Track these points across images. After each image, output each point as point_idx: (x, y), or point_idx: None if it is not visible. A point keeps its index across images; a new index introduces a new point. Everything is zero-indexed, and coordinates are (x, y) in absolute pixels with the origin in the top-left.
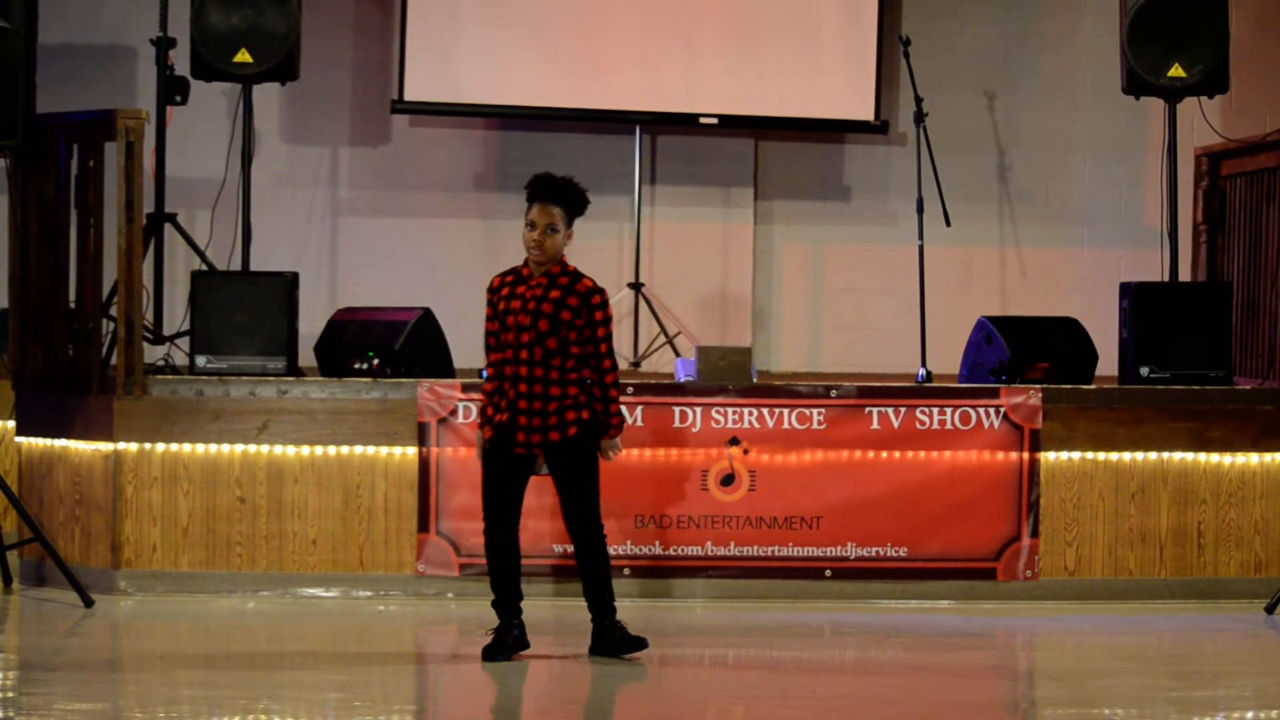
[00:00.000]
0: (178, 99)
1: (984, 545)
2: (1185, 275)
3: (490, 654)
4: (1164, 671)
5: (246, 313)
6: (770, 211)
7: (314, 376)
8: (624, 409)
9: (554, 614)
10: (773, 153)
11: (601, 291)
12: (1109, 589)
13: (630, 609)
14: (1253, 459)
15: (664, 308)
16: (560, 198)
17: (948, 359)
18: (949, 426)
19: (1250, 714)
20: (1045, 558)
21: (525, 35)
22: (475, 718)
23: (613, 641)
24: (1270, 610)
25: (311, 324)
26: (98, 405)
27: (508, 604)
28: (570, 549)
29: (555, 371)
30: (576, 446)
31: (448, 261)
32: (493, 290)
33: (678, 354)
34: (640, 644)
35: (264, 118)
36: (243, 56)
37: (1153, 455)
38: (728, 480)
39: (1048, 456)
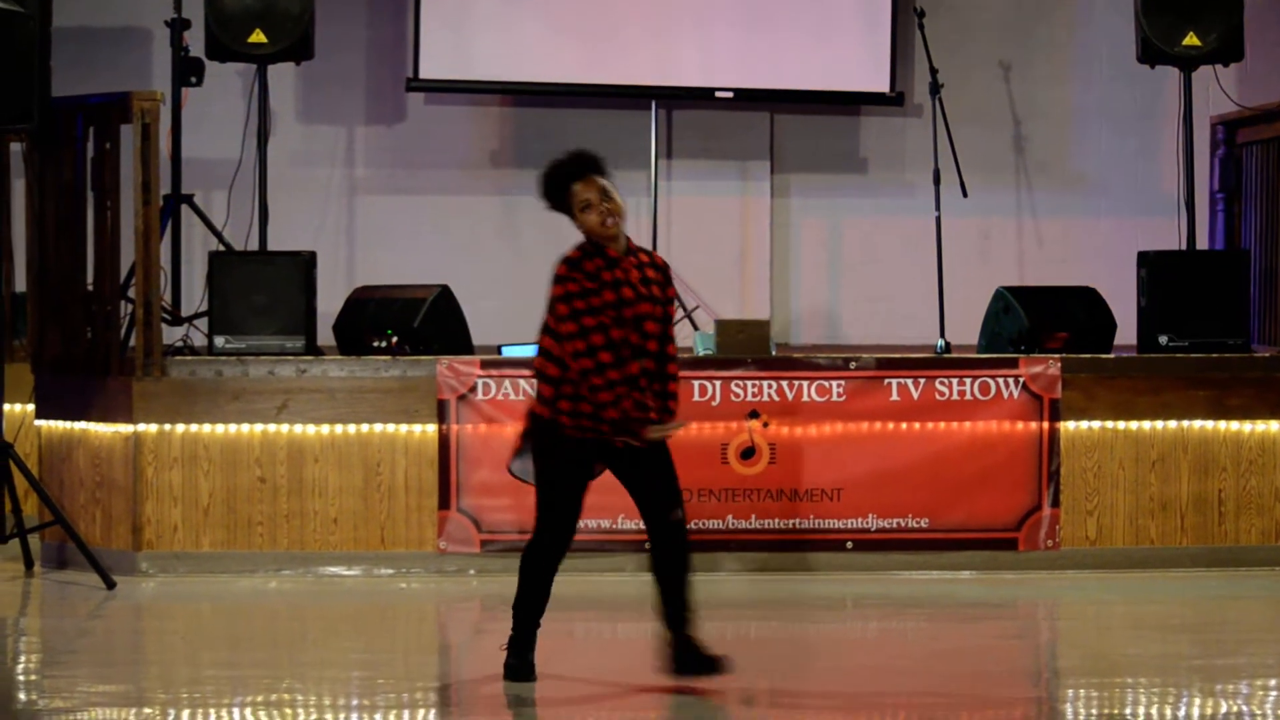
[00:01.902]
0: (193, 80)
1: (1005, 515)
2: (1202, 243)
3: (519, 674)
4: (1186, 640)
5: (264, 292)
6: (787, 184)
7: (333, 355)
8: None
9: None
10: (788, 126)
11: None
12: (1130, 558)
13: (652, 583)
14: (1273, 426)
15: (682, 282)
16: (591, 167)
17: (966, 330)
18: (968, 397)
19: (1274, 681)
20: (1066, 527)
21: (539, 11)
22: (499, 694)
23: (694, 659)
24: None
25: (330, 303)
26: (117, 387)
27: (531, 636)
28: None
29: (654, 360)
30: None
31: (465, 239)
32: (588, 274)
33: (696, 328)
34: (716, 665)
35: (279, 98)
36: (257, 37)
37: (1172, 424)
38: (748, 453)
39: (1067, 426)
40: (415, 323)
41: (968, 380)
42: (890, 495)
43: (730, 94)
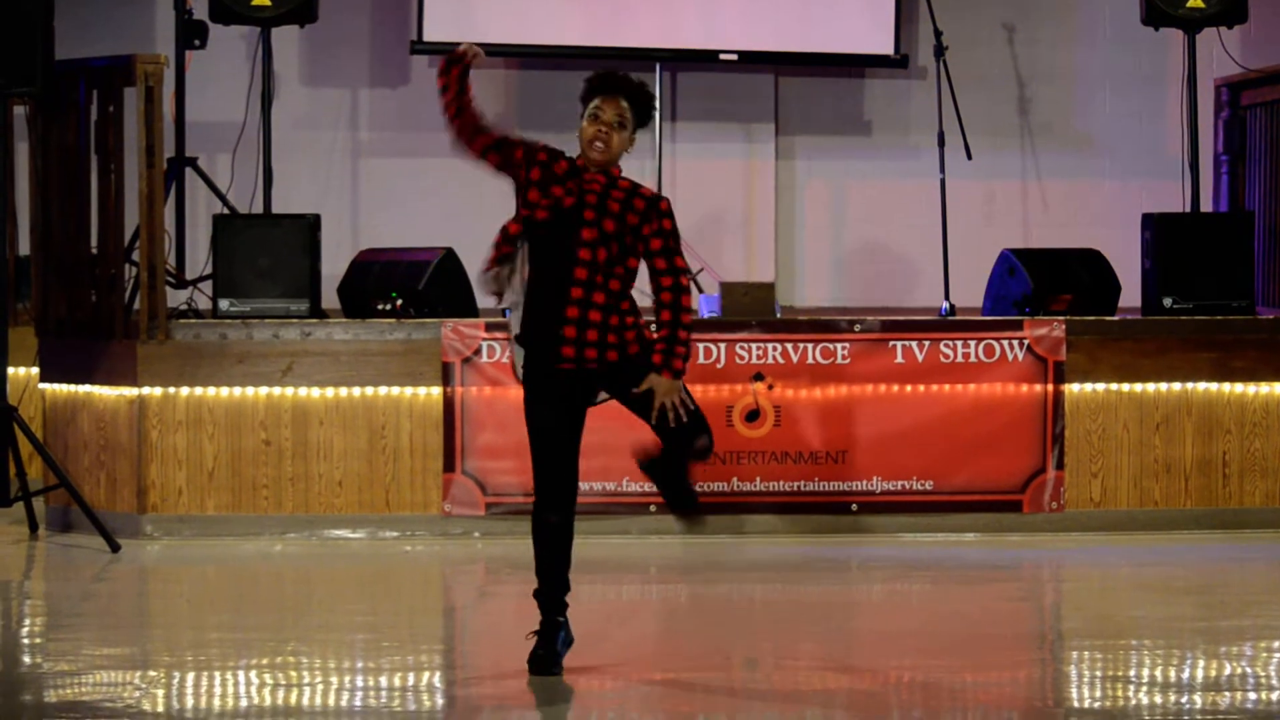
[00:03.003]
0: (196, 43)
1: (1009, 478)
2: (1206, 206)
3: (541, 666)
4: (1190, 602)
5: (269, 255)
6: (791, 147)
7: (337, 318)
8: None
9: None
10: (793, 88)
11: (665, 199)
12: (1134, 520)
13: (657, 545)
14: (1277, 388)
15: (686, 245)
16: (629, 93)
17: (971, 292)
18: (973, 360)
19: (1278, 644)
20: (1070, 489)
21: None
22: (504, 657)
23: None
24: None
25: (334, 266)
26: (121, 350)
27: (556, 598)
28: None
29: (616, 281)
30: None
31: (469, 201)
32: (542, 164)
33: (701, 290)
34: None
35: (283, 61)
36: (261, 0)
37: (1177, 386)
38: (753, 416)
39: (1072, 388)
40: (420, 285)
41: (972, 343)
42: (895, 458)
43: (734, 56)
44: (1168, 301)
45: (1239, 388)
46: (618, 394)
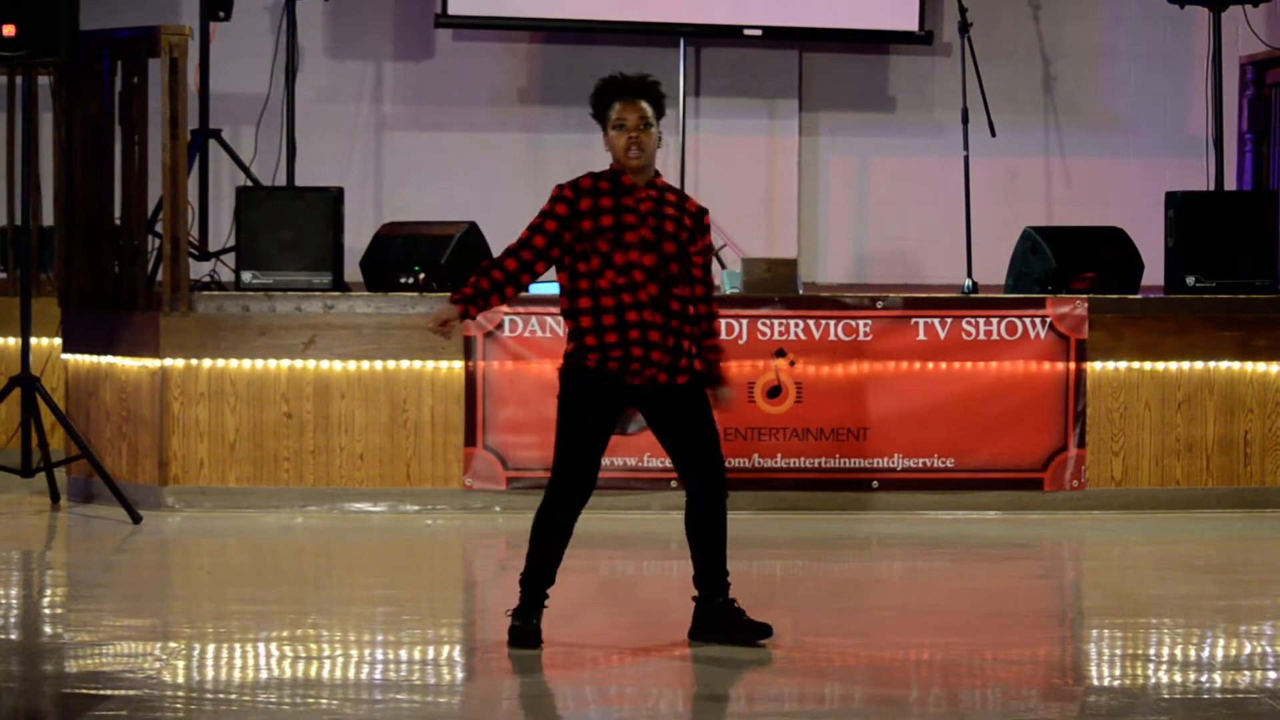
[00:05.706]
0: (221, 15)
1: (1031, 455)
2: (1230, 184)
3: (524, 640)
4: (1211, 581)
5: (292, 228)
6: (815, 123)
7: (360, 291)
8: None
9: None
10: (817, 64)
11: (707, 211)
12: (1155, 499)
13: (677, 521)
14: None
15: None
16: (644, 92)
17: (993, 269)
18: (995, 337)
19: None
20: (1092, 468)
21: None
22: None
23: (733, 626)
24: None
25: (357, 239)
26: (144, 322)
27: (542, 590)
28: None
29: (676, 302)
30: (699, 386)
31: (492, 175)
32: (578, 190)
33: (723, 266)
34: (764, 630)
35: (307, 33)
36: None
37: (1199, 365)
38: (774, 392)
39: (1094, 366)
40: (442, 259)
41: (994, 320)
42: (916, 435)
43: (759, 32)
44: (1190, 280)
45: (1261, 367)
46: (663, 419)
